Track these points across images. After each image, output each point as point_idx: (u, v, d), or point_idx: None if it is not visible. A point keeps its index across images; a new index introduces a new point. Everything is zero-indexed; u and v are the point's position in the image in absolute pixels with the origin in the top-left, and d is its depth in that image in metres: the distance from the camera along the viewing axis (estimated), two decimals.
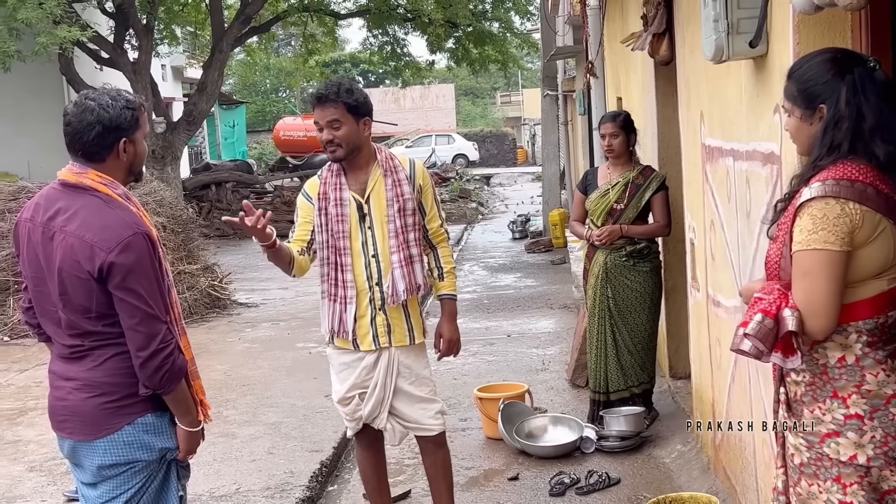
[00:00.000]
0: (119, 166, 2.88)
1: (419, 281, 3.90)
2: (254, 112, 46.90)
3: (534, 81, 56.22)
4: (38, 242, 2.83)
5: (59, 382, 2.90)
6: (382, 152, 3.94)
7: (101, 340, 2.82)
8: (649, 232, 5.44)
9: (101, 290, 2.75)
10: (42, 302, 2.88)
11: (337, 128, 3.77)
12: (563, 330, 8.47)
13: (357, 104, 3.78)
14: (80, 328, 2.81)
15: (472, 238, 17.20)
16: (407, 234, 3.87)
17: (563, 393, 6.52)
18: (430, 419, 4.02)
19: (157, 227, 9.93)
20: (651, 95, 6.08)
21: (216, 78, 17.53)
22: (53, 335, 2.91)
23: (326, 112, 3.76)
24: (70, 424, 2.87)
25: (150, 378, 2.77)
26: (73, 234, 2.76)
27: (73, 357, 2.86)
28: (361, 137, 3.82)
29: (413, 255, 3.89)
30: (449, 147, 39.39)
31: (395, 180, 3.88)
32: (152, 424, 2.86)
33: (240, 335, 9.15)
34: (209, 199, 19.25)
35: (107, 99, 2.83)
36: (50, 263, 2.81)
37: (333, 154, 3.82)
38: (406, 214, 3.87)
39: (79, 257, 2.74)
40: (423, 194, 3.94)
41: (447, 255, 4.04)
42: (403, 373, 3.94)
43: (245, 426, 6.15)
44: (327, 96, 3.76)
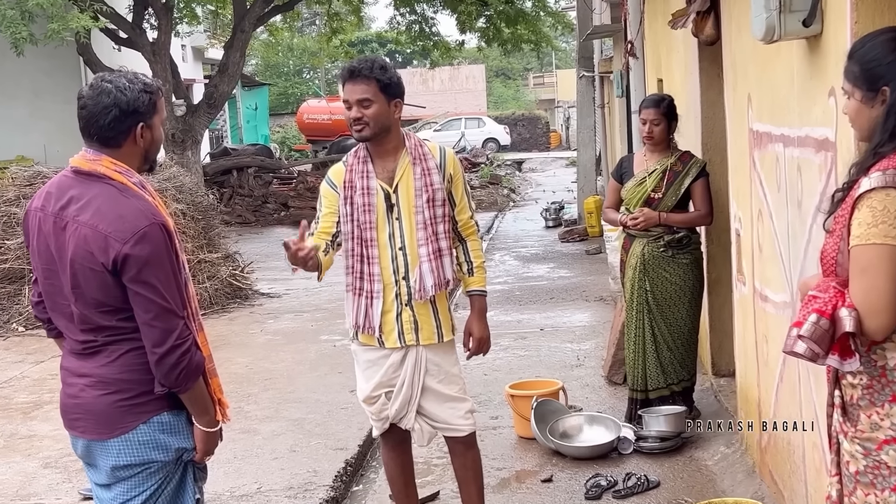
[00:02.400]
0: (135, 153, 2.86)
1: (448, 275, 3.85)
2: (276, 94, 47.00)
3: (568, 62, 55.92)
4: (49, 233, 2.82)
5: (72, 379, 2.88)
6: (411, 138, 3.88)
7: (115, 335, 2.80)
8: (689, 220, 5.35)
9: (116, 283, 2.73)
10: (53, 295, 2.87)
11: (367, 106, 3.70)
12: (599, 324, 8.40)
13: (390, 83, 3.73)
14: (94, 323, 2.79)
15: (503, 226, 17.14)
16: (436, 225, 3.82)
17: (599, 390, 6.46)
18: (460, 419, 3.98)
19: (177, 214, 9.97)
20: (694, 77, 5.99)
21: (238, 59, 17.53)
22: (65, 330, 2.89)
23: (357, 88, 3.70)
24: (83, 423, 2.86)
25: (166, 375, 2.75)
26: (86, 225, 2.74)
27: (85, 353, 2.84)
28: (391, 120, 3.76)
29: (442, 248, 3.84)
30: (479, 131, 39.27)
31: (424, 169, 3.82)
32: (168, 423, 2.85)
33: (262, 327, 9.17)
34: (230, 184, 19.30)
35: (124, 81, 2.81)
36: (62, 255, 2.79)
37: (360, 133, 3.75)
38: (435, 205, 3.82)
39: (92, 248, 2.72)
40: (453, 184, 3.88)
41: (477, 249, 3.98)
42: (432, 370, 3.89)
43: (267, 422, 6.15)
44: (360, 71, 3.70)
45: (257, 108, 33.81)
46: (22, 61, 14.32)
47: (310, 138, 32.45)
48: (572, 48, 50.49)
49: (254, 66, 49.90)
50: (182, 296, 2.82)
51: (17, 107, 18.87)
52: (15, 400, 6.82)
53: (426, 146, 3.88)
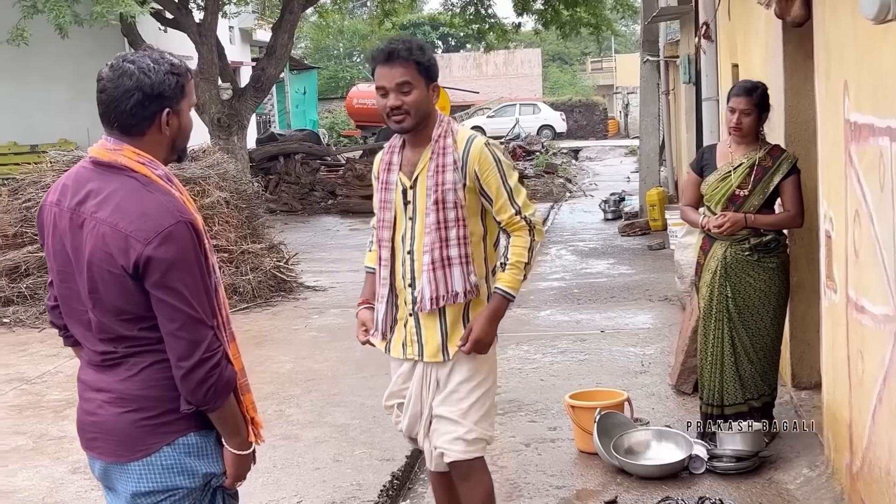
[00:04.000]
0: (160, 142, 2.61)
1: (457, 288, 3.48)
2: (326, 78, 46.98)
3: (628, 46, 55.26)
4: (64, 231, 2.58)
5: (89, 394, 2.65)
6: (442, 125, 3.54)
7: (136, 347, 2.56)
8: (779, 223, 4.99)
9: (137, 289, 2.48)
10: (69, 300, 2.63)
11: (407, 92, 3.42)
12: (665, 326, 8.06)
13: (430, 65, 3.48)
14: (113, 332, 2.55)
15: (559, 218, 16.79)
16: (446, 230, 3.47)
17: (667, 400, 6.14)
18: (447, 443, 3.59)
19: (220, 202, 9.82)
20: (777, 62, 5.63)
21: (286, 41, 17.38)
22: (82, 339, 2.66)
23: (395, 72, 3.41)
24: (101, 444, 2.62)
25: (192, 392, 2.50)
26: (105, 222, 2.49)
27: (104, 365, 2.60)
28: (431, 106, 3.51)
29: (451, 256, 3.47)
30: (534, 117, 38.88)
31: (439, 165, 3.49)
32: (195, 445, 2.60)
33: (306, 322, 8.97)
34: (277, 171, 19.19)
35: (148, 62, 2.55)
36: (78, 256, 2.55)
37: (400, 124, 3.47)
38: (445, 208, 3.46)
39: (111, 249, 2.48)
40: (482, 181, 3.48)
41: (519, 245, 3.49)
42: (439, 386, 3.61)
43: (309, 427, 5.92)
44: (398, 52, 3.41)
45: (306, 92, 33.79)
46: (65, 43, 14.27)
47: (359, 124, 32.36)
48: (632, 32, 49.89)
49: (303, 49, 49.94)
50: (211, 303, 2.57)
51: (60, 90, 18.91)
52: (47, 397, 6.68)
53: (454, 136, 3.52)
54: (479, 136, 3.56)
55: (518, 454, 5.33)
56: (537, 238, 3.54)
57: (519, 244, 3.50)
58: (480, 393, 3.59)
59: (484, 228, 3.58)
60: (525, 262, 3.50)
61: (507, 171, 3.51)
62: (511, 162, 3.59)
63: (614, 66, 51.31)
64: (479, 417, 3.58)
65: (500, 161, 3.51)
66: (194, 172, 9.92)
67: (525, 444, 5.49)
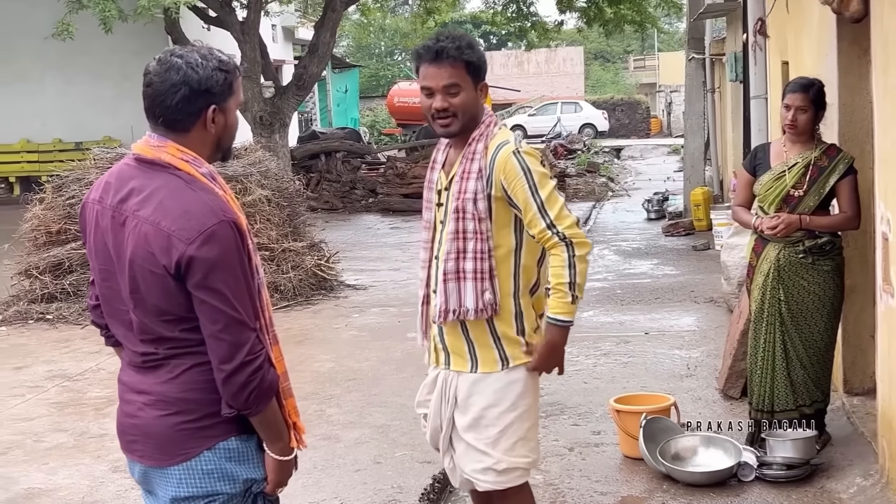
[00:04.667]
0: (205, 139, 2.56)
1: (467, 304, 3.25)
2: (367, 77, 47.08)
3: (671, 44, 54.75)
4: (106, 228, 2.54)
5: (130, 395, 2.61)
6: (480, 127, 3.31)
7: (178, 348, 2.51)
8: (835, 224, 4.85)
9: (179, 289, 2.44)
10: (111, 300, 2.59)
11: (455, 93, 3.21)
12: (711, 328, 7.91)
13: (480, 64, 3.27)
14: (154, 333, 2.51)
15: (601, 217, 16.63)
16: (464, 241, 3.25)
17: (714, 405, 6.01)
18: (477, 473, 3.38)
19: (261, 200, 9.81)
20: (831, 59, 5.48)
21: (328, 39, 17.38)
22: (123, 339, 2.62)
23: (443, 72, 3.20)
24: (140, 447, 2.58)
25: (234, 396, 2.45)
26: (147, 221, 2.45)
27: (145, 366, 2.56)
28: (479, 107, 3.30)
29: (467, 269, 3.24)
30: (576, 115, 38.68)
31: (464, 171, 3.26)
32: (236, 450, 2.55)
33: (347, 321, 8.92)
34: (318, 169, 19.20)
35: (196, 57, 2.51)
36: (120, 254, 2.51)
37: (447, 128, 3.26)
38: (465, 218, 3.24)
39: (153, 248, 2.43)
40: (509, 192, 3.21)
41: (556, 265, 3.18)
42: (460, 405, 3.37)
43: (349, 428, 5.87)
44: (447, 51, 3.18)
45: (347, 90, 33.84)
46: (110, 41, 14.40)
47: (400, 122, 32.37)
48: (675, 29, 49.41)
49: (345, 47, 50.08)
50: (255, 304, 2.51)
51: (105, 87, 19.09)
52: (88, 395, 6.69)
53: (484, 141, 3.27)
54: (510, 142, 3.27)
55: (561, 458, 5.24)
56: (578, 251, 3.18)
57: (556, 263, 3.19)
58: (512, 417, 3.33)
59: (517, 241, 3.30)
60: (568, 282, 3.16)
61: (538, 181, 3.20)
62: (545, 170, 3.26)
63: (657, 64, 50.90)
64: (510, 445, 3.33)
65: (529, 170, 3.20)
66: (236, 170, 9.92)
67: (568, 448, 5.40)
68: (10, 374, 7.33)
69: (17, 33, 19.53)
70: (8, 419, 6.26)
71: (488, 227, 3.24)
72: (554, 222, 3.17)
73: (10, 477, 5.23)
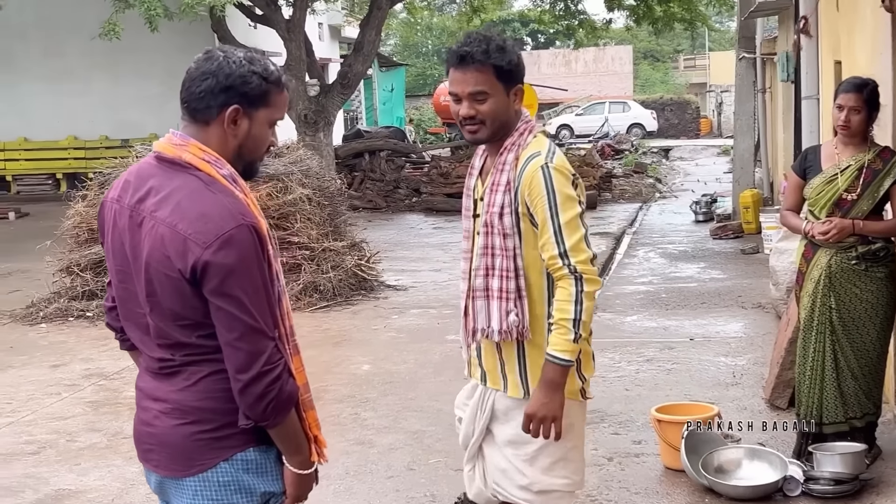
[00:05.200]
0: (224, 140, 2.46)
1: (493, 324, 3.07)
2: (414, 75, 47.08)
3: (721, 43, 54.08)
4: (124, 229, 2.47)
5: (146, 402, 2.53)
6: (514, 135, 3.07)
7: (195, 355, 2.43)
8: (889, 230, 4.66)
9: (195, 294, 2.35)
10: (127, 302, 2.52)
11: (482, 100, 3.00)
12: (758, 335, 7.72)
13: (511, 69, 3.01)
14: (171, 338, 2.43)
15: (647, 219, 16.41)
16: (493, 257, 3.05)
17: (760, 415, 5.83)
18: (514, 489, 3.20)
19: (302, 199, 9.75)
20: (886, 59, 5.29)
21: (374, 37, 17.36)
22: (140, 344, 2.54)
23: (469, 78, 3.00)
24: (156, 456, 2.50)
25: (251, 407, 2.36)
26: (163, 222, 2.37)
27: (162, 373, 2.48)
28: (511, 113, 3.06)
29: (493, 288, 3.06)
30: (624, 115, 38.35)
31: (494, 183, 3.06)
32: (254, 462, 2.46)
33: (386, 322, 8.84)
34: (362, 168, 19.18)
35: (239, 56, 2.43)
36: (137, 256, 2.43)
37: (474, 135, 3.06)
38: (493, 232, 3.04)
39: (169, 251, 2.35)
40: (531, 207, 2.98)
41: (561, 299, 2.94)
42: (499, 417, 3.20)
43: (384, 433, 5.79)
44: (472, 56, 2.97)
45: (393, 89, 33.84)
46: (156, 39, 14.46)
47: (445, 121, 32.29)
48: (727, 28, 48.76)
49: (392, 46, 50.15)
50: (273, 312, 2.42)
51: (152, 86, 19.25)
52: (124, 394, 6.66)
53: (518, 151, 3.05)
54: (542, 154, 3.00)
55: (600, 469, 5.11)
56: (587, 287, 2.93)
57: (562, 297, 2.94)
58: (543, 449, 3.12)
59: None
60: (571, 319, 2.91)
61: (561, 203, 2.94)
62: (573, 193, 2.98)
63: (708, 64, 50.34)
64: (548, 465, 3.14)
65: (554, 189, 2.94)
66: (277, 169, 9.89)
67: (608, 457, 5.26)
68: (48, 372, 7.35)
69: (65, 32, 19.78)
70: (43, 418, 6.26)
71: (515, 244, 3.04)
72: (568, 252, 2.94)
73: (41, 477, 5.21)
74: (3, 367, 7.55)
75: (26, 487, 5.09)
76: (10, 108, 20.46)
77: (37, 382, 7.09)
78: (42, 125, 20.42)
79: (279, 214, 9.63)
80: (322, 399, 6.49)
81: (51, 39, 20.36)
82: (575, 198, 2.99)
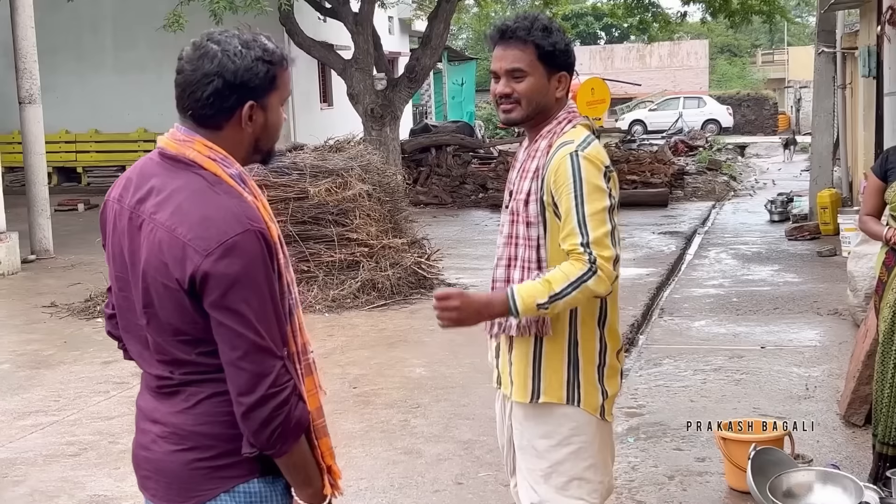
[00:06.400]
0: (240, 139, 2.23)
1: (511, 318, 2.84)
2: (485, 70, 46.66)
3: (801, 38, 52.86)
4: (123, 231, 2.24)
5: (145, 424, 2.31)
6: (551, 123, 2.89)
7: (195, 374, 2.20)
8: None
9: (195, 307, 2.12)
10: (126, 312, 2.29)
11: (519, 78, 2.84)
12: (833, 345, 7.29)
13: (554, 51, 2.85)
14: (169, 354, 2.20)
15: (720, 218, 15.90)
16: (516, 248, 2.88)
17: (834, 433, 5.46)
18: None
19: (362, 195, 9.54)
20: None
21: (442, 30, 17.11)
22: (139, 358, 2.32)
23: (508, 54, 2.85)
24: (153, 484, 2.28)
25: (255, 433, 2.12)
26: (162, 226, 2.14)
27: (160, 392, 2.26)
28: (550, 98, 2.88)
29: (514, 279, 2.86)
30: (699, 111, 37.58)
31: (524, 170, 2.90)
32: (259, 494, 2.22)
33: None
34: (428, 163, 18.96)
35: (236, 44, 2.18)
36: (135, 262, 2.21)
37: (507, 114, 2.90)
38: (517, 221, 2.87)
39: (167, 258, 2.12)
40: (556, 196, 2.78)
41: (564, 271, 2.70)
42: (517, 428, 3.03)
43: (433, 442, 5.53)
44: (513, 31, 2.84)
45: (464, 83, 33.61)
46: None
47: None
48: (806, 22, 47.58)
49: (464, 40, 49.87)
50: (282, 329, 2.18)
51: None
52: None
53: (552, 138, 2.86)
54: (574, 142, 2.80)
55: (660, 488, 4.79)
56: (592, 283, 2.68)
57: (564, 268, 2.71)
58: (564, 454, 2.91)
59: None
60: (553, 292, 2.68)
61: (588, 193, 2.72)
62: (602, 185, 2.76)
63: (786, 59, 49.14)
64: (562, 484, 2.92)
65: (581, 177, 2.73)
66: (337, 164, 9.70)
67: (668, 476, 4.94)
68: (99, 369, 7.24)
69: (136, 25, 19.87)
70: (88, 417, 6.13)
71: (539, 233, 2.84)
72: (591, 244, 2.70)
73: (78, 481, 5.06)
74: (55, 363, 7.47)
75: (62, 492, 4.94)
76: (82, 101, 20.65)
77: (87, 379, 6.99)
78: (113, 117, 20.56)
79: (338, 210, 9.45)
80: (373, 403, 6.28)
81: (122, 32, 20.49)
82: (604, 189, 2.77)
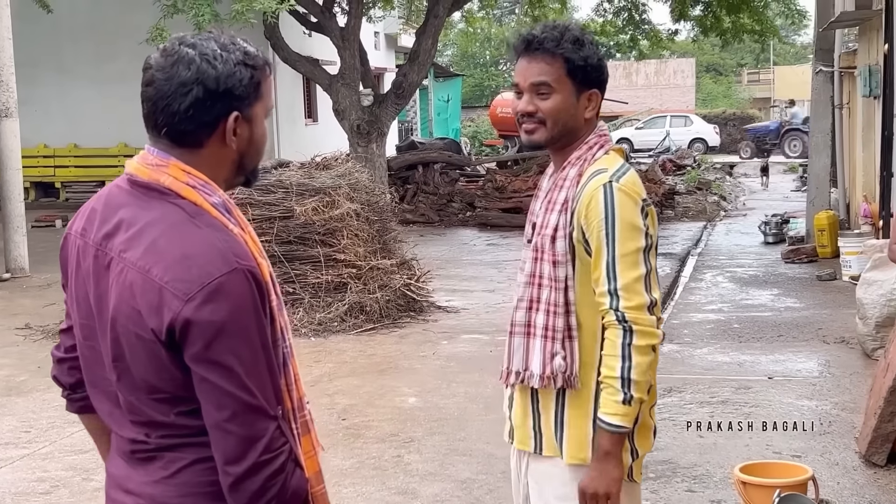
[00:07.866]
0: (223, 158, 1.92)
1: (532, 367, 2.55)
2: (471, 86, 46.63)
3: (786, 58, 52.94)
4: (88, 272, 1.92)
5: (117, 494, 1.98)
6: (582, 147, 2.57)
7: (174, 437, 1.87)
8: None
9: (174, 361, 1.80)
10: (93, 365, 1.96)
11: (544, 95, 2.53)
12: (844, 375, 7.00)
13: (586, 65, 2.53)
14: (144, 415, 1.88)
15: (713, 239, 15.64)
16: (539, 288, 2.55)
17: (854, 473, 5.15)
18: None
19: (350, 215, 9.22)
20: None
21: (429, 46, 16.84)
22: (108, 418, 1.99)
23: (534, 67, 2.53)
24: None
25: None
26: (134, 266, 1.82)
27: (135, 458, 1.93)
28: (579, 119, 2.57)
29: (537, 324, 2.55)
30: (685, 130, 37.40)
31: (550, 201, 2.57)
32: None
33: (435, 349, 8.26)
34: (415, 180, 18.66)
35: (214, 47, 1.86)
36: (102, 309, 1.88)
37: (530, 136, 2.58)
38: (542, 259, 2.54)
39: (139, 304, 1.79)
40: (586, 231, 2.48)
41: (611, 355, 2.43)
42: (532, 486, 2.69)
43: (428, 481, 5.20)
44: (541, 42, 2.52)
45: (450, 99, 33.36)
46: None
47: (502, 133, 31.75)
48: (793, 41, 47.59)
49: (449, 56, 49.77)
50: (276, 383, 1.86)
51: None
52: None
53: (583, 166, 2.55)
54: (608, 171, 2.49)
55: None
56: (637, 340, 2.40)
57: (608, 350, 2.44)
58: None
59: None
60: (619, 377, 2.40)
61: (620, 230, 2.43)
62: (638, 222, 2.45)
63: (772, 78, 49.22)
64: None
65: (614, 213, 2.43)
66: (324, 182, 9.39)
67: None
68: None
69: (116, 37, 19.44)
70: (60, 450, 5.76)
71: (568, 273, 2.51)
72: (618, 291, 2.41)
73: None
74: (28, 390, 7.10)
75: None
76: (60, 114, 20.26)
77: (60, 408, 6.49)
78: (92, 132, 20.17)
79: (325, 230, 9.13)
80: (363, 437, 5.94)
81: (102, 44, 20.10)
82: (640, 228, 2.46)
